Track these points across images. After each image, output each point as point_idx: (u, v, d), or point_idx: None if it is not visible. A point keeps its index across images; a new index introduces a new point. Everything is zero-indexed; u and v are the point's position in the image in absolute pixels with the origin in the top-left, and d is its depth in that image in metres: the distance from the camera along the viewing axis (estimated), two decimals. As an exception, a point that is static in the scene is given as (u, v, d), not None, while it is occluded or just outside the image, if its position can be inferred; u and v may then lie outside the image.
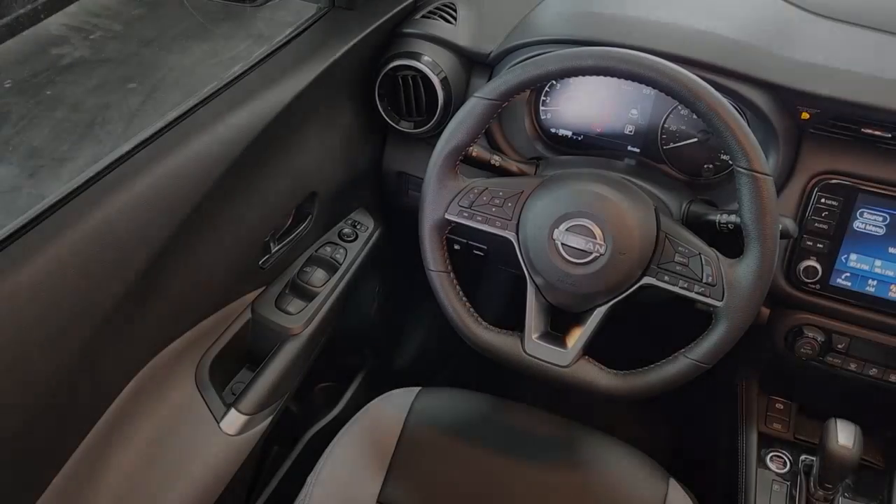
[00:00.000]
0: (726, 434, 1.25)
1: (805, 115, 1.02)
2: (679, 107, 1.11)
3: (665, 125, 1.14)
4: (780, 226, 0.95)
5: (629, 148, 1.19)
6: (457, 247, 1.28)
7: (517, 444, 1.12)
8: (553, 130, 1.21)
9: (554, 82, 1.18)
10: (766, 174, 0.85)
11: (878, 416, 1.19)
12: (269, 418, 1.06)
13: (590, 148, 1.20)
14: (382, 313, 1.53)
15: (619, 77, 0.89)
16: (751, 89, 1.01)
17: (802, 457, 1.15)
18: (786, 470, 1.14)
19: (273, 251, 1.10)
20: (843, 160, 1.03)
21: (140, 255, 0.84)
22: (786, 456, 1.16)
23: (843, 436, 1.01)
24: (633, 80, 0.88)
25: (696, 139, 1.12)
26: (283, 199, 1.08)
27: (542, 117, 1.21)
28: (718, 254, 0.90)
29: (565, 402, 1.61)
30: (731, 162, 0.87)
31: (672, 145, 1.15)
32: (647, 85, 0.88)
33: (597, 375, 0.95)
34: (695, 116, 1.10)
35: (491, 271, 1.55)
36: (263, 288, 1.12)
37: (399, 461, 1.09)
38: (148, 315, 0.89)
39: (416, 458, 1.09)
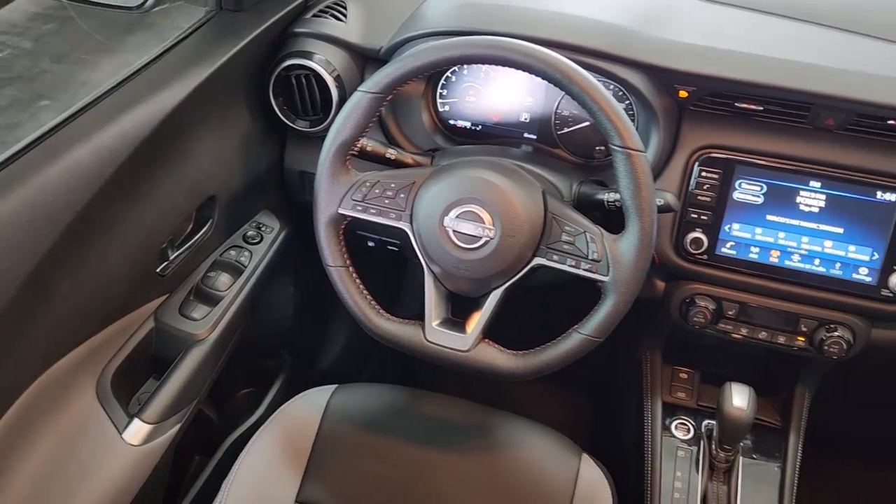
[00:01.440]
0: (634, 406, 1.29)
1: (683, 93, 1.06)
2: None
3: (558, 111, 1.18)
4: (662, 200, 0.99)
5: (525, 135, 1.22)
6: (371, 244, 1.29)
7: (434, 434, 1.13)
8: (452, 122, 1.23)
9: (449, 74, 1.21)
10: (638, 150, 0.89)
11: (773, 377, 1.25)
12: (178, 426, 1.05)
13: (489, 137, 1.23)
14: (301, 314, 1.53)
15: (494, 64, 0.91)
16: (630, 71, 1.05)
17: (705, 422, 1.19)
18: (690, 436, 1.19)
19: (172, 258, 1.09)
20: (722, 134, 1.07)
21: (23, 265, 0.82)
22: (689, 423, 1.20)
23: (738, 398, 1.06)
24: (507, 66, 0.90)
25: (587, 123, 1.16)
26: (178, 205, 1.07)
27: (441, 109, 1.23)
28: (603, 230, 0.93)
29: (492, 390, 1.64)
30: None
31: (565, 130, 1.18)
32: (523, 70, 0.91)
33: (497, 357, 0.97)
34: None
35: (414, 265, 1.58)
36: (167, 295, 1.11)
37: (317, 460, 1.09)
38: (37, 326, 0.88)
39: (334, 456, 1.10)
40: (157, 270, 1.06)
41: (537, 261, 0.95)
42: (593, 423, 1.63)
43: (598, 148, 1.16)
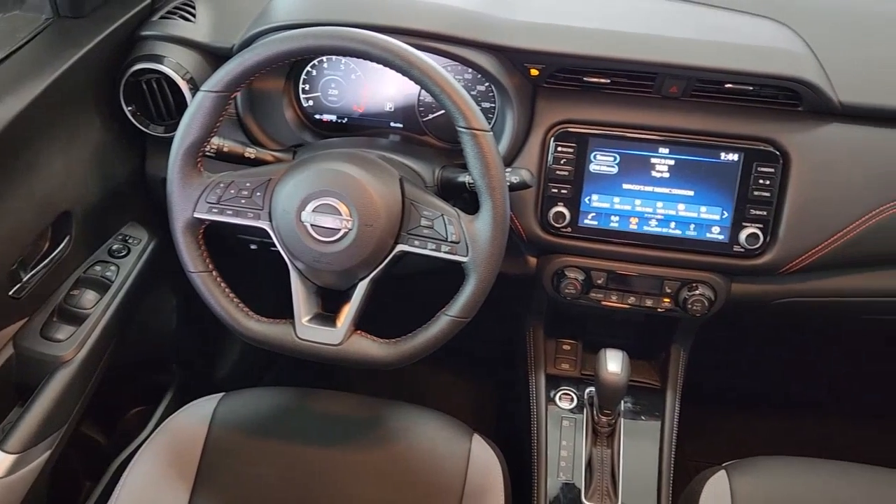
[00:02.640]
0: (522, 382, 1.31)
1: (534, 72, 1.09)
2: None
3: (421, 98, 1.18)
4: (517, 178, 1.01)
5: (392, 124, 1.22)
6: (253, 247, 1.27)
7: (325, 431, 1.13)
8: (318, 117, 1.22)
9: (310, 69, 1.20)
10: (483, 130, 0.90)
11: (651, 340, 1.30)
12: (48, 453, 1.01)
13: (356, 129, 1.22)
14: (187, 324, 1.49)
15: (333, 54, 0.91)
16: (478, 53, 1.06)
17: (587, 390, 1.23)
18: (574, 405, 1.22)
19: (25, 279, 1.04)
20: (575, 109, 1.10)
21: None
22: (573, 392, 1.23)
23: (612, 364, 1.09)
24: (346, 55, 0.90)
25: None
26: (26, 223, 1.02)
27: (305, 105, 1.22)
28: (460, 212, 0.94)
29: (396, 383, 1.64)
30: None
31: (430, 117, 1.19)
32: (362, 58, 0.91)
33: (369, 347, 0.97)
34: None
35: None
36: (26, 319, 1.06)
37: (206, 471, 1.07)
38: None
39: (224, 464, 1.08)
40: (10, 293, 1.02)
41: (400, 248, 0.95)
42: (484, 403, 1.66)
43: None
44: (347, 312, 0.98)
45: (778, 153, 1.06)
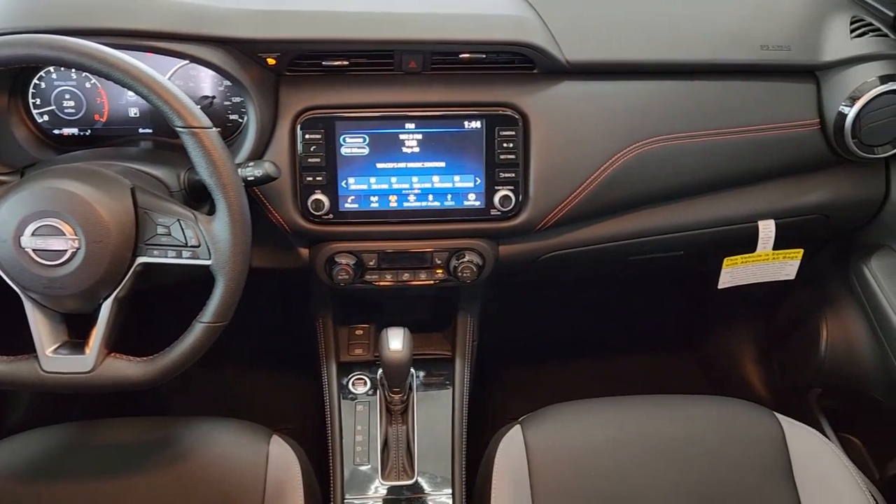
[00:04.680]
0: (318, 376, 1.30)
1: (271, 61, 1.06)
2: None
3: None
4: (261, 171, 0.98)
5: (141, 130, 1.16)
6: None
7: (115, 462, 1.06)
8: (57, 132, 1.14)
9: (37, 81, 1.11)
10: (203, 127, 0.87)
11: (443, 312, 1.33)
12: None
13: (104, 140, 1.15)
14: None
15: (26, 64, 0.85)
16: (204, 49, 1.02)
17: (379, 372, 1.24)
18: (368, 388, 1.22)
19: None
20: (319, 95, 1.09)
21: None
22: (366, 376, 1.24)
23: (394, 342, 1.10)
24: (40, 63, 0.84)
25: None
26: None
27: (39, 121, 1.13)
28: (197, 214, 0.91)
29: (206, 395, 1.58)
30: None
31: None
32: (60, 66, 0.85)
33: (125, 368, 0.92)
34: None
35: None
36: None
37: None
38: None
39: None
40: None
41: (140, 260, 0.91)
42: (297, 400, 1.64)
43: None
44: (96, 336, 0.92)
45: (517, 116, 1.10)
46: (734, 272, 1.30)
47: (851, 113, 1.12)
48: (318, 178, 1.09)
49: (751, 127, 1.16)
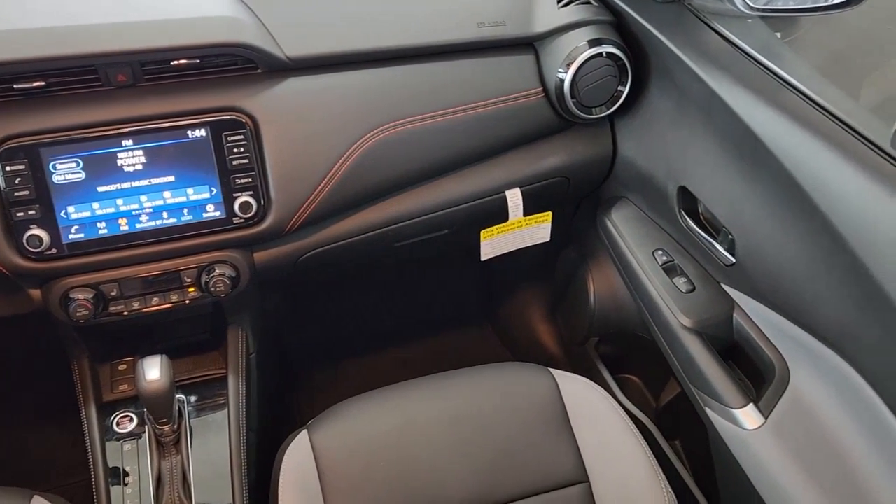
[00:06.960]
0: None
1: None
2: None
3: None
4: None
5: None
6: None
7: None
8: None
9: None
10: None
11: (213, 332, 1.27)
12: None
13: None
14: None
15: None
16: None
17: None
18: (135, 424, 1.15)
19: None
20: (18, 122, 0.99)
21: None
22: (132, 412, 1.16)
23: (150, 372, 1.03)
24: None
25: None
26: None
27: None
28: None
29: None
30: None
31: None
32: None
33: None
34: None
35: None
36: None
37: None
38: None
39: None
40: None
41: None
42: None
43: None
44: None
45: (245, 119, 1.06)
46: (493, 243, 1.34)
47: (567, 77, 1.19)
48: (32, 212, 1.00)
49: (483, 102, 1.20)
